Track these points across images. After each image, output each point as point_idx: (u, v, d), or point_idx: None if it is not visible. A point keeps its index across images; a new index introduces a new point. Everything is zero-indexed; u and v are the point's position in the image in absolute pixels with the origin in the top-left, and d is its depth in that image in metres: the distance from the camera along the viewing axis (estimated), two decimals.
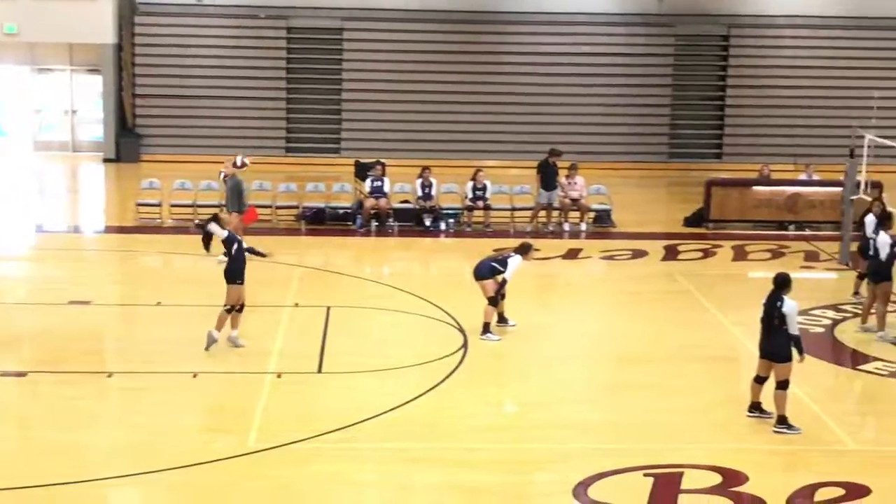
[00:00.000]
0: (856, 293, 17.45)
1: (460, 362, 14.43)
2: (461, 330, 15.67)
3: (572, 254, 21.03)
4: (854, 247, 18.26)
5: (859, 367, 14.69)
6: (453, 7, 30.48)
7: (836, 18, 30.67)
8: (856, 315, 16.76)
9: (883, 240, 15.63)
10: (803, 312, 16.70)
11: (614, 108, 30.52)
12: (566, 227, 22.87)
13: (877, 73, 29.96)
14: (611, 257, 20.84)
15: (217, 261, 15.64)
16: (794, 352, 12.15)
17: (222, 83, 30.26)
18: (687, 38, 30.91)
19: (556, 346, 15.54)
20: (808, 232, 22.94)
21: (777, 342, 12.21)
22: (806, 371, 13.00)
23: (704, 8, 30.77)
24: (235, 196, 19.01)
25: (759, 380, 12.53)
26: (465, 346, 15.05)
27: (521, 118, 30.48)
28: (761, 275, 19.47)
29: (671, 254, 21.07)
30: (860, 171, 19.98)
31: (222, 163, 19.93)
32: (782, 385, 12.23)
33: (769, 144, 30.12)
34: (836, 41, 30.59)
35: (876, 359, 14.86)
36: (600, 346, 15.75)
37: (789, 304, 12.18)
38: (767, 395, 12.42)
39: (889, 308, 15.88)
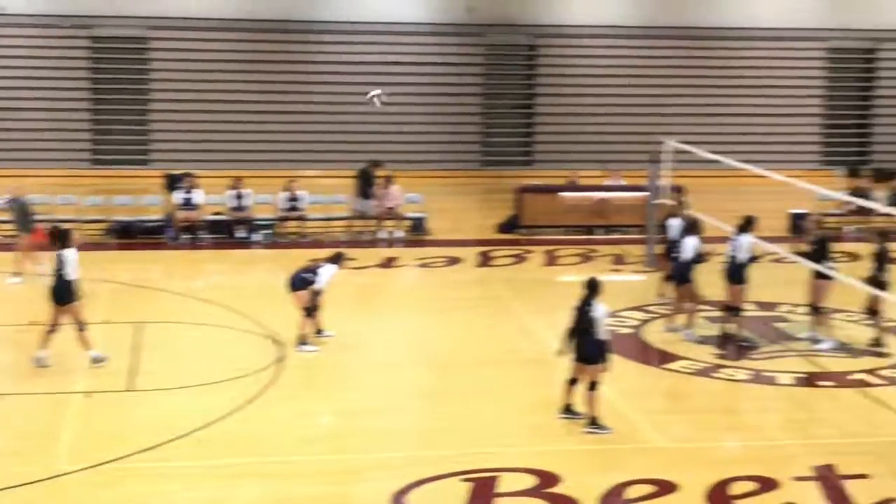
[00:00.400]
0: (661, 294, 18.02)
1: (276, 375, 14.29)
2: (276, 342, 15.52)
3: (388, 262, 21.10)
4: (659, 249, 18.84)
5: (666, 367, 15.15)
6: (264, 16, 30.22)
7: (638, 28, 31.62)
8: (662, 316, 17.30)
9: (689, 244, 16.16)
10: (612, 314, 17.20)
11: (427, 117, 30.77)
12: (382, 235, 22.93)
13: (677, 80, 31.04)
14: (426, 265, 20.99)
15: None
16: (605, 355, 12.48)
17: (22, 94, 29.25)
18: (496, 47, 31.40)
19: (374, 354, 15.54)
20: (615, 236, 23.55)
21: (588, 345, 12.51)
22: (615, 371, 13.34)
23: (512, 18, 31.31)
24: (22, 217, 18.87)
25: (572, 382, 12.82)
26: (280, 358, 14.91)
27: (336, 127, 30.42)
28: (572, 279, 19.86)
29: (485, 260, 21.35)
30: (663, 176, 20.62)
31: (25, 177, 19.35)
32: (593, 386, 12.53)
33: (577, 151, 30.83)
34: (638, 50, 31.54)
35: (682, 358, 15.36)
36: (417, 354, 15.83)
37: (599, 309, 12.49)
38: (580, 396, 12.69)
39: (695, 308, 16.43)
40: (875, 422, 13.15)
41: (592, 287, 12.62)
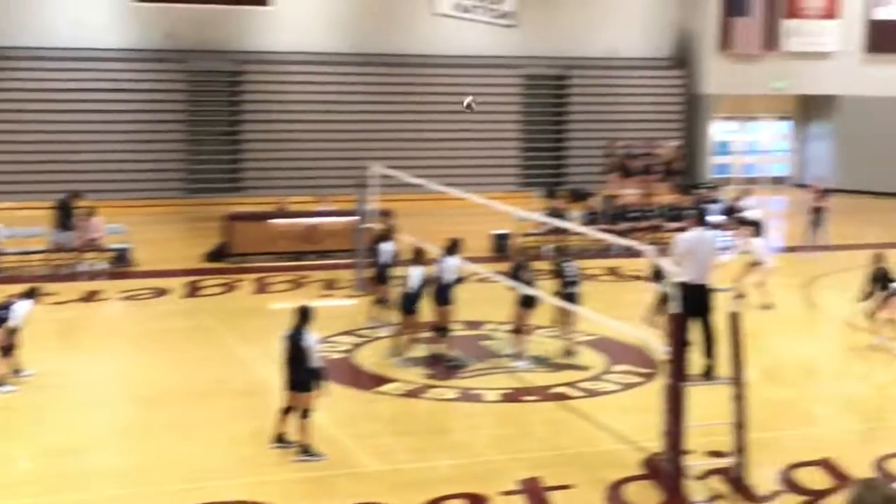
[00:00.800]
0: (372, 318, 18.21)
1: None
2: None
3: (90, 296, 20.40)
4: (368, 273, 19.04)
5: (378, 390, 15.32)
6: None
7: (342, 55, 31.96)
8: (373, 339, 17.49)
9: (414, 274, 16.26)
10: (324, 339, 17.28)
11: (130, 145, 30.00)
12: (82, 268, 22.15)
13: (381, 106, 31.56)
14: (131, 297, 20.42)
15: None
16: (318, 382, 12.51)
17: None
18: (199, 73, 30.99)
19: (77, 392, 14.98)
20: (326, 261, 23.65)
21: (300, 373, 12.50)
22: (328, 397, 13.35)
23: (215, 44, 31.00)
24: None
25: (286, 411, 12.76)
26: None
27: (32, 157, 29.21)
28: (283, 306, 19.85)
29: (193, 290, 20.99)
30: (370, 201, 20.90)
31: None
32: (305, 414, 12.53)
33: (286, 177, 30.83)
34: (343, 76, 31.87)
35: (393, 380, 15.58)
36: (124, 389, 15.38)
37: (308, 338, 12.51)
38: (293, 425, 12.66)
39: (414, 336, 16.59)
40: (576, 433, 13.75)
41: (303, 315, 12.62)
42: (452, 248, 16.73)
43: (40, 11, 29.48)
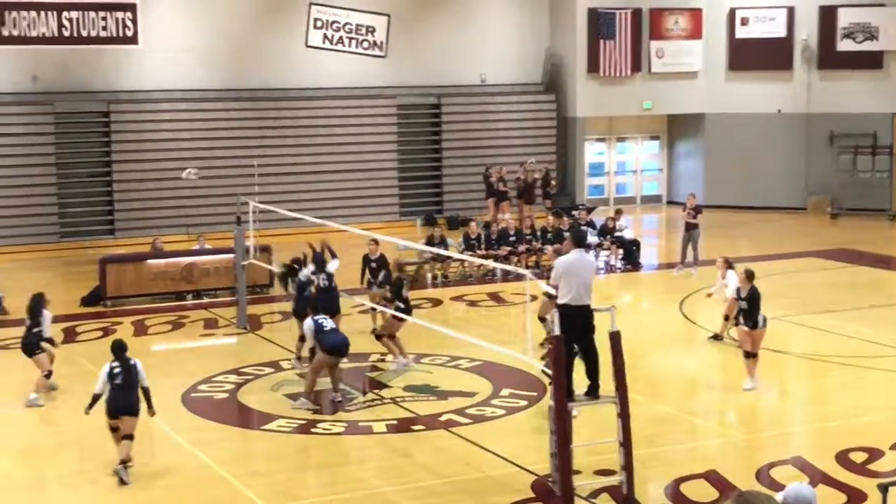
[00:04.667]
0: (298, 357, 17.85)
1: None
2: None
3: None
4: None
5: (265, 427, 15.18)
6: None
7: (213, 91, 31.67)
8: (257, 377, 17.34)
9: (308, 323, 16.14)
10: (208, 379, 17.10)
11: None
12: None
13: (254, 141, 31.35)
14: (4, 347, 19.88)
15: None
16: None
17: None
18: (67, 115, 30.39)
19: None
20: (205, 300, 23.38)
21: (132, 398, 13.32)
22: (215, 436, 13.22)
23: (82, 84, 30.44)
24: None
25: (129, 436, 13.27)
26: None
27: None
28: (163, 347, 19.59)
29: (70, 336, 20.53)
30: (248, 237, 20.74)
31: None
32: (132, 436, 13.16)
33: (160, 217, 30.40)
34: (213, 112, 31.57)
35: (280, 417, 15.44)
36: (4, 441, 14.96)
37: (137, 363, 13.51)
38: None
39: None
40: (466, 460, 13.80)
41: (119, 348, 13.52)
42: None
43: None
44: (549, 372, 12.16)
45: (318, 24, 32.69)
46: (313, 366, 15.93)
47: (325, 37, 32.80)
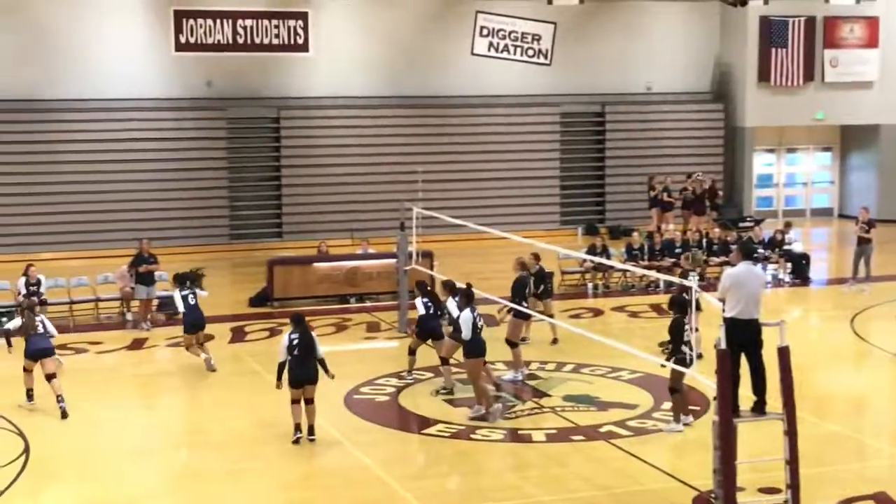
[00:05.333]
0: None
1: (23, 468, 13.63)
2: (21, 434, 14.81)
3: (137, 344, 20.49)
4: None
5: (424, 432, 15.27)
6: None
7: (378, 98, 32.14)
8: (418, 381, 17.47)
9: (465, 317, 15.76)
10: (369, 382, 17.32)
11: (172, 193, 30.23)
12: (129, 317, 22.27)
13: (418, 148, 31.65)
14: (178, 344, 20.49)
15: None
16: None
17: None
18: (239, 120, 31.25)
19: (128, 439, 15.04)
20: (368, 304, 23.68)
21: (310, 368, 14.60)
22: (373, 439, 13.37)
23: (254, 91, 31.25)
24: None
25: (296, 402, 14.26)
26: (26, 450, 14.24)
27: (76, 207, 29.51)
28: (327, 349, 19.87)
29: (238, 335, 21.05)
30: (411, 242, 20.94)
31: None
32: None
33: (326, 221, 30.96)
34: (379, 119, 32.03)
35: (439, 421, 15.52)
36: (173, 435, 15.44)
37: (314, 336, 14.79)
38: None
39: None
40: (625, 472, 13.63)
41: (298, 321, 14.75)
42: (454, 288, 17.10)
43: (83, 63, 29.85)
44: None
45: (485, 31, 32.85)
46: (472, 375, 15.79)
47: (491, 45, 32.93)
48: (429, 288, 18.31)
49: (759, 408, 12.09)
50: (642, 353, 15.68)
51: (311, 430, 14.57)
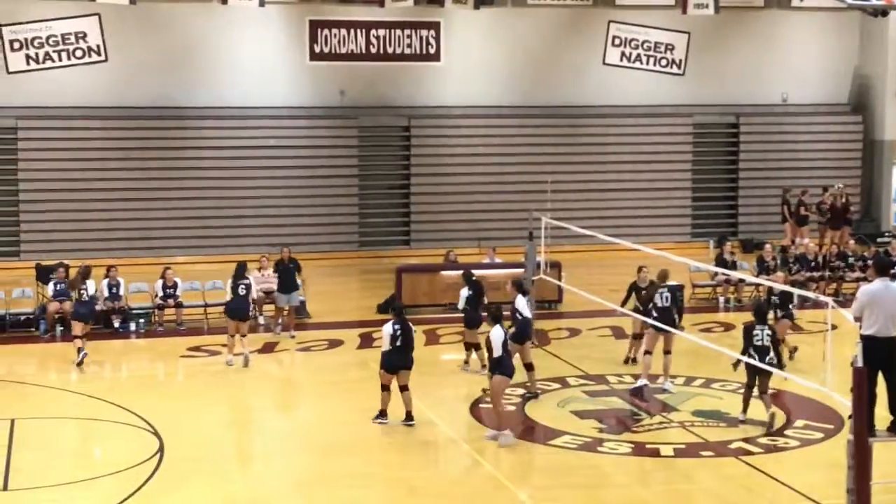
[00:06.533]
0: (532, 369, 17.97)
1: (157, 467, 13.98)
2: (156, 433, 15.20)
3: (268, 348, 20.86)
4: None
5: (550, 443, 15.21)
6: (136, 103, 29.97)
7: (507, 108, 32.16)
8: (545, 391, 17.43)
9: (496, 335, 15.54)
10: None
11: (303, 200, 30.71)
12: (261, 320, 22.65)
13: (547, 157, 31.57)
14: (307, 349, 20.81)
15: None
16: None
17: None
18: (370, 129, 31.59)
19: (258, 441, 15.33)
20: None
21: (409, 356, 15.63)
22: (499, 449, 13.33)
23: (385, 100, 31.58)
24: None
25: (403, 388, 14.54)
26: (161, 449, 14.60)
27: (211, 212, 30.18)
28: (453, 357, 19.96)
29: (366, 341, 21.24)
30: (539, 252, 20.89)
31: None
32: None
33: (453, 230, 31.08)
34: (509, 129, 32.04)
35: (565, 433, 15.45)
36: (302, 439, 15.66)
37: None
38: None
39: None
40: (755, 490, 13.39)
41: (393, 305, 16.20)
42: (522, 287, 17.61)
43: (220, 72, 30.54)
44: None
45: (617, 41, 32.64)
46: (495, 393, 15.46)
47: (623, 54, 32.70)
48: (474, 278, 19.16)
49: None
50: (775, 369, 15.38)
51: (408, 416, 15.44)
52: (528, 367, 17.12)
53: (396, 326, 15.58)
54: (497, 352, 15.09)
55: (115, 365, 20.27)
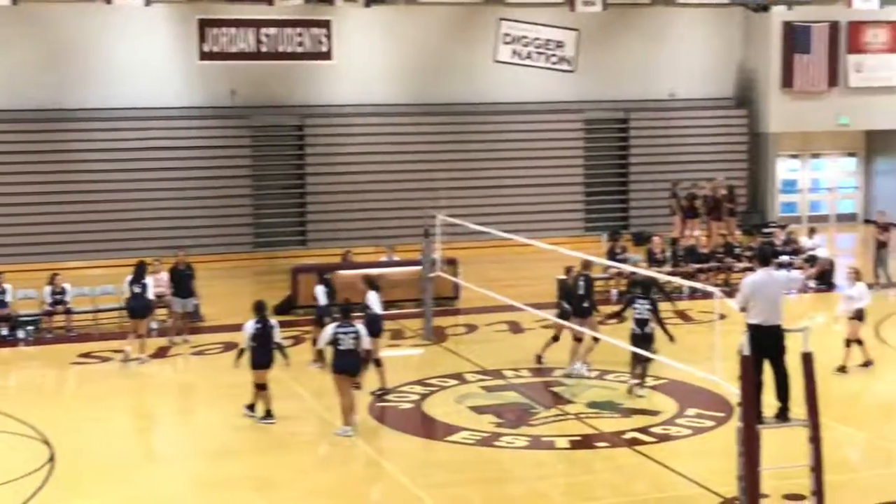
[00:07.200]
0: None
1: (49, 476, 13.72)
2: (46, 442, 14.91)
3: (162, 352, 20.58)
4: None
5: (448, 439, 15.27)
6: (19, 105, 29.30)
7: (401, 106, 32.19)
8: (442, 388, 17.49)
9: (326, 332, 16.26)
10: (394, 389, 17.33)
11: (196, 201, 30.35)
12: (153, 324, 22.33)
13: (442, 155, 31.69)
14: (201, 352, 20.59)
15: None
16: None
17: None
18: (263, 128, 31.35)
19: (153, 446, 15.13)
20: (393, 311, 23.64)
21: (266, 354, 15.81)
22: (397, 447, 13.38)
23: (278, 99, 31.37)
24: None
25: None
26: (52, 458, 14.33)
27: (101, 216, 29.65)
28: None
29: None
30: (436, 250, 20.96)
31: None
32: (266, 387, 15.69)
33: (350, 229, 31.00)
34: (402, 127, 32.07)
35: (463, 429, 15.52)
36: (198, 442, 15.50)
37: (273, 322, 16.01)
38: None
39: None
40: (649, 479, 13.61)
41: (259, 308, 15.92)
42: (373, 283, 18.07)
43: (108, 72, 30.02)
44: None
45: (508, 39, 32.88)
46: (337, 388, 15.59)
47: (514, 52, 32.95)
48: (326, 276, 19.74)
49: (783, 414, 12.04)
50: (666, 359, 15.65)
51: (268, 414, 15.78)
52: (377, 363, 17.03)
53: (258, 325, 15.82)
54: (320, 344, 15.82)
55: (3, 373, 19.81)
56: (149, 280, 20.26)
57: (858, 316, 18.13)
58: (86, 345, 20.89)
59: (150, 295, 20.13)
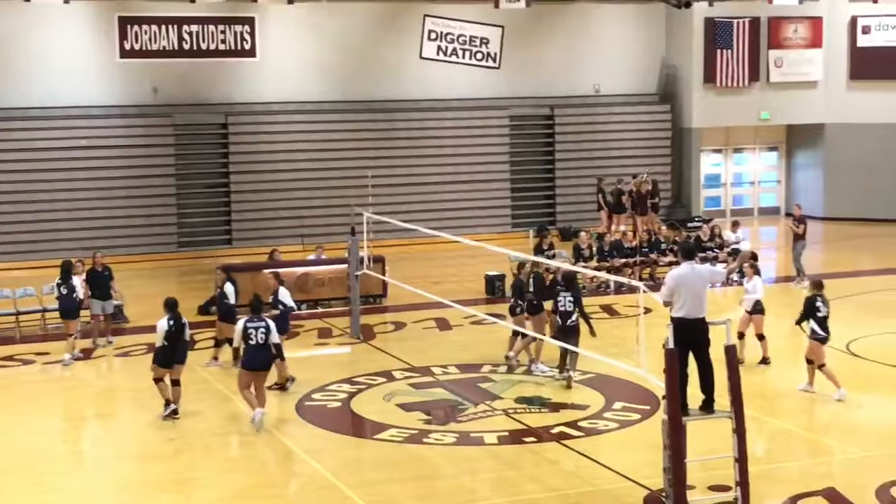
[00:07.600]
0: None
1: None
2: None
3: (85, 354, 20.27)
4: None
5: (377, 437, 15.24)
6: None
7: (326, 103, 32.05)
8: (370, 386, 17.44)
9: (239, 327, 16.77)
10: (322, 388, 17.26)
11: (118, 201, 29.96)
12: (78, 326, 21.97)
13: (368, 152, 31.59)
14: (126, 353, 20.32)
15: None
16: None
17: None
18: (186, 126, 31.03)
19: (77, 450, 14.90)
20: (320, 310, 23.58)
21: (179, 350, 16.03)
22: (326, 446, 13.29)
23: (201, 97, 31.07)
24: None
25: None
26: None
27: (21, 216, 29.16)
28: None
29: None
30: (362, 248, 20.89)
31: None
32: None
33: (276, 227, 30.81)
34: (328, 124, 31.94)
35: (392, 426, 15.49)
36: (120, 446, 15.28)
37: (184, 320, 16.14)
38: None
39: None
40: (576, 473, 13.68)
41: (171, 306, 16.14)
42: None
43: (24, 70, 29.51)
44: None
45: (433, 35, 32.87)
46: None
47: (439, 48, 32.96)
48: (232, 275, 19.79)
49: (708, 406, 12.19)
50: (593, 353, 15.74)
51: (174, 411, 15.90)
52: (279, 357, 16.91)
53: (171, 322, 15.90)
54: (236, 342, 15.84)
55: None
56: (76, 280, 20.07)
57: (756, 309, 18.35)
58: (7, 348, 20.53)
59: (80, 295, 19.94)
